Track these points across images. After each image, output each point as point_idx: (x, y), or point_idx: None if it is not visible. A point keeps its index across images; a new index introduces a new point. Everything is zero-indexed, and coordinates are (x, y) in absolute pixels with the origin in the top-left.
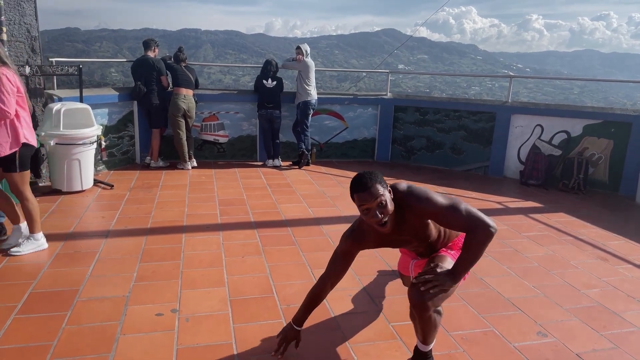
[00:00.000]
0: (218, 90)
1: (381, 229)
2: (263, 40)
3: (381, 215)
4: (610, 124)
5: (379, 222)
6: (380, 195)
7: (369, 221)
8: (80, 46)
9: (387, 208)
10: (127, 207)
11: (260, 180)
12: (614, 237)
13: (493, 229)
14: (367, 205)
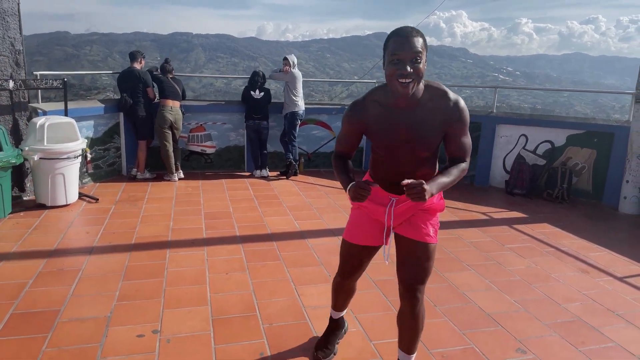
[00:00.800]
0: (205, 101)
1: (402, 88)
2: (255, 43)
3: (410, 70)
4: (593, 134)
5: (405, 75)
6: (419, 49)
7: (394, 73)
8: (70, 50)
9: (419, 67)
10: (111, 221)
11: (247, 192)
12: (596, 249)
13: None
14: (401, 56)
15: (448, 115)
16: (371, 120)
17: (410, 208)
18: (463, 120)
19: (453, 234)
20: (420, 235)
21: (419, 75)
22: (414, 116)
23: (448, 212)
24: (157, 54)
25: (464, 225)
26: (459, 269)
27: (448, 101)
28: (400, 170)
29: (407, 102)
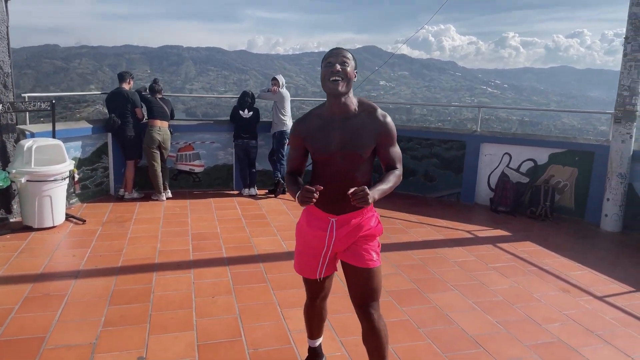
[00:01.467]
0: (194, 120)
1: (332, 85)
2: (245, 56)
3: (340, 68)
4: (574, 153)
5: (334, 72)
6: (347, 57)
7: (326, 73)
8: (59, 63)
9: (347, 70)
10: (98, 243)
11: (235, 211)
12: (577, 267)
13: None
14: (331, 60)
15: (377, 128)
16: (311, 132)
17: (350, 233)
18: (390, 132)
19: (438, 253)
20: (363, 261)
21: (347, 76)
22: (348, 124)
23: (433, 231)
24: (147, 67)
25: (449, 244)
26: (443, 290)
27: (378, 116)
28: (337, 182)
29: (341, 110)
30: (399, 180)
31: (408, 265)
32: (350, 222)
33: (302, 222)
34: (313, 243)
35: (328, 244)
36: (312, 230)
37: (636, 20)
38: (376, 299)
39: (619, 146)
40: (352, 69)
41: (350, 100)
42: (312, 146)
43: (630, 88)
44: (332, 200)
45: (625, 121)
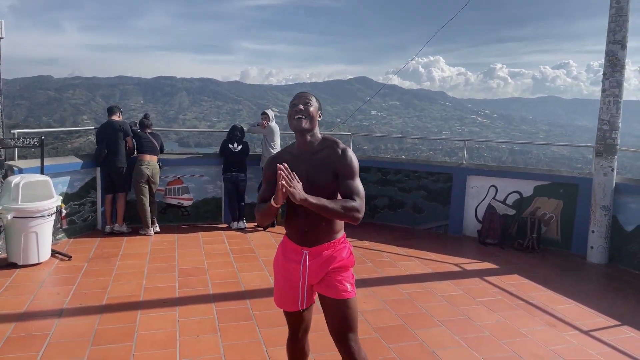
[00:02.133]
0: (184, 154)
1: (296, 122)
2: (238, 87)
3: (303, 107)
4: (559, 185)
5: (298, 111)
6: (310, 99)
7: (291, 112)
8: (53, 94)
9: (310, 109)
10: (83, 280)
11: (223, 246)
12: (564, 301)
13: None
14: (296, 101)
15: (336, 160)
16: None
17: (323, 264)
18: (348, 165)
19: (426, 287)
20: (338, 293)
21: (309, 114)
22: (313, 159)
23: (421, 264)
24: (141, 98)
25: (436, 277)
26: (430, 325)
27: (338, 148)
28: (308, 215)
29: (307, 146)
30: (350, 212)
31: (396, 300)
32: (322, 253)
33: (278, 255)
34: (289, 275)
35: (303, 275)
36: (287, 262)
37: (613, 58)
38: (353, 329)
39: (602, 179)
40: (315, 109)
41: (316, 137)
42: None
43: (610, 122)
44: (304, 232)
45: (606, 155)
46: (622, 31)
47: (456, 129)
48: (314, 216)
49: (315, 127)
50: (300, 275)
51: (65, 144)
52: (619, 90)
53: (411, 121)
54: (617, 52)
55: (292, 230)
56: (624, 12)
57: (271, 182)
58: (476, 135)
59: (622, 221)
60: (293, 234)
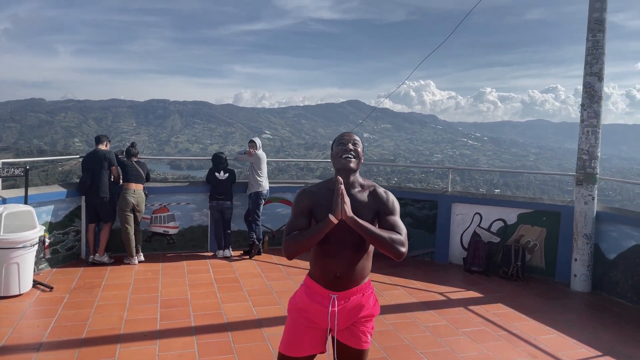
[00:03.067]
0: (170, 183)
1: (345, 161)
2: (231, 110)
3: (352, 147)
4: (542, 213)
5: (347, 150)
6: (357, 140)
7: (338, 150)
8: (44, 116)
9: (358, 150)
10: (64, 312)
11: (207, 275)
12: (547, 331)
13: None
14: (344, 140)
15: (379, 199)
16: (319, 200)
17: (352, 312)
18: (390, 204)
19: (410, 317)
20: (360, 343)
21: (358, 155)
22: (353, 199)
23: (406, 293)
24: (133, 120)
25: (421, 307)
26: (413, 358)
27: (379, 189)
28: (339, 256)
29: (348, 185)
30: (394, 244)
31: (379, 331)
32: (350, 298)
33: (301, 297)
34: (314, 318)
35: (332, 321)
36: (313, 305)
37: (590, 89)
38: None
39: (583, 207)
40: (361, 150)
41: (357, 178)
42: (319, 213)
43: (589, 152)
44: (335, 276)
45: (586, 183)
46: (598, 64)
47: (447, 152)
48: (349, 257)
49: (358, 169)
50: (328, 320)
51: (55, 167)
52: (597, 121)
53: (403, 144)
54: (594, 84)
55: (320, 272)
56: (600, 45)
57: (305, 213)
58: (467, 157)
59: (604, 249)
60: (321, 277)
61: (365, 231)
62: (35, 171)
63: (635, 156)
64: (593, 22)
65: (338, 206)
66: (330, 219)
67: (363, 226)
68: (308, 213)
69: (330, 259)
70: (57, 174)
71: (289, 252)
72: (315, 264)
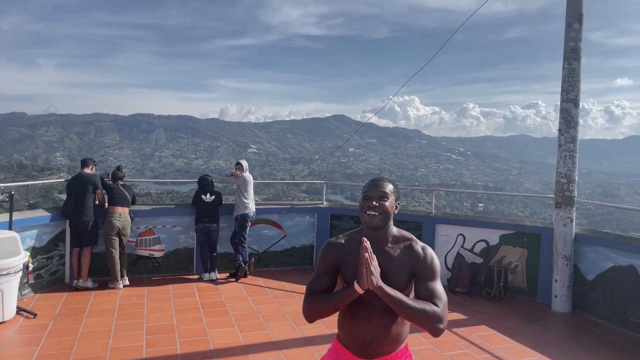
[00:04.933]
0: (156, 205)
1: (368, 218)
2: (217, 124)
3: (376, 203)
4: (523, 235)
5: (371, 206)
6: (386, 190)
7: (363, 206)
8: (26, 131)
9: (385, 203)
10: (48, 340)
11: (193, 299)
12: (529, 353)
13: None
14: (370, 193)
15: (416, 259)
16: (345, 255)
17: None
18: (429, 266)
19: None
20: None
21: (384, 210)
22: (385, 255)
23: None
24: (117, 135)
25: None
26: None
27: (416, 246)
28: (370, 321)
29: (378, 239)
30: (431, 320)
31: None
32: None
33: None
34: None
35: None
36: None
37: (567, 115)
38: None
39: (562, 229)
40: (391, 203)
41: (390, 231)
42: (347, 272)
43: (567, 176)
44: (365, 342)
45: (565, 206)
46: (574, 91)
47: (432, 166)
48: (380, 321)
49: (390, 222)
50: None
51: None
52: (573, 146)
53: (388, 158)
54: (570, 110)
55: (349, 336)
56: (576, 73)
57: (330, 270)
58: (451, 172)
59: (583, 270)
60: (350, 341)
61: (396, 304)
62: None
63: (615, 170)
64: (569, 50)
65: (363, 276)
66: (356, 288)
67: (394, 298)
68: (333, 270)
69: (359, 323)
70: (38, 189)
71: (308, 315)
72: (343, 327)
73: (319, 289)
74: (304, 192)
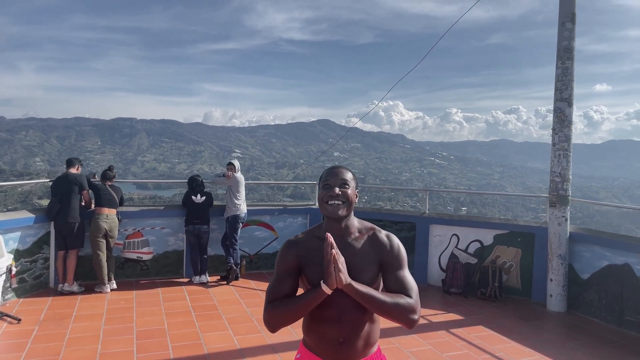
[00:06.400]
0: (145, 207)
1: (331, 208)
2: (200, 128)
3: (339, 192)
4: (517, 234)
5: (334, 196)
6: (346, 177)
7: (323, 194)
8: (4, 135)
9: (348, 193)
10: (34, 346)
11: (184, 302)
12: (528, 353)
13: (415, 322)
14: (330, 182)
15: (382, 249)
16: (309, 254)
17: None
18: (396, 255)
19: (393, 342)
20: None
21: (347, 199)
22: (350, 248)
23: None
24: (98, 139)
25: (404, 331)
26: None
27: (380, 235)
28: (340, 322)
29: (341, 233)
30: (404, 308)
31: None
32: None
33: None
34: None
35: None
36: None
37: (560, 114)
38: None
39: (556, 229)
40: (352, 191)
41: (352, 222)
42: (311, 272)
43: (561, 175)
44: (338, 343)
45: (559, 205)
46: (567, 90)
47: (416, 170)
48: (352, 321)
49: (352, 212)
50: None
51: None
52: (567, 145)
53: (372, 162)
54: (564, 109)
55: (318, 340)
56: (569, 72)
57: (291, 272)
58: (435, 176)
59: (577, 269)
60: (319, 346)
61: (368, 301)
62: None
63: (594, 174)
64: (562, 50)
65: (331, 276)
66: (323, 289)
67: (365, 295)
68: (295, 271)
69: (329, 325)
70: (17, 195)
71: (271, 325)
72: (310, 331)
73: (281, 294)
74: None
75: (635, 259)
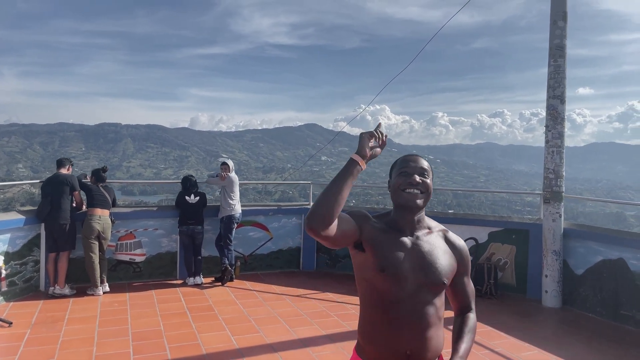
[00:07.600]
0: (138, 207)
1: (409, 196)
2: (187, 133)
3: (419, 180)
4: (511, 231)
5: (414, 182)
6: (425, 166)
7: (401, 183)
8: None
9: (426, 181)
10: (26, 350)
11: (179, 304)
12: (527, 348)
13: None
14: (409, 169)
15: (454, 252)
16: (374, 229)
17: None
18: (468, 260)
19: None
20: None
21: (427, 189)
22: (420, 246)
23: None
24: (82, 145)
25: None
26: None
27: (453, 238)
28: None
29: (412, 227)
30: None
31: None
32: None
33: None
34: None
35: None
36: None
37: (554, 111)
38: None
39: (551, 225)
40: (431, 181)
41: (423, 217)
42: (376, 251)
43: (555, 171)
44: (403, 355)
45: (553, 202)
46: (560, 87)
47: None
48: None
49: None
50: None
51: None
52: (560, 141)
53: None
54: (557, 106)
55: (381, 348)
56: (562, 69)
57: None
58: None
59: (572, 265)
60: (383, 355)
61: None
62: None
63: (577, 176)
64: (554, 48)
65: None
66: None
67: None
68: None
69: (397, 331)
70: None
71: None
72: (372, 337)
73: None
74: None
75: (629, 253)
